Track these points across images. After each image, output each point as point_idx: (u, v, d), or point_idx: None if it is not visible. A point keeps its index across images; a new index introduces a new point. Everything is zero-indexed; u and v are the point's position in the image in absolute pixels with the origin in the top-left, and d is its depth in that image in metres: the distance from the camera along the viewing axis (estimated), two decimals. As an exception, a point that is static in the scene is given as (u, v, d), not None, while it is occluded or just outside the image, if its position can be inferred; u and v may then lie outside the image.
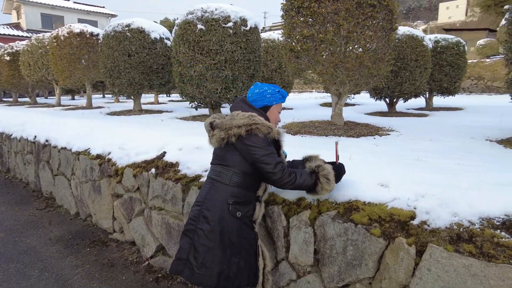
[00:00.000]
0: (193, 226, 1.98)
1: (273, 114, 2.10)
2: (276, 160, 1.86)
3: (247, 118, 1.86)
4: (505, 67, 4.18)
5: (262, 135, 1.84)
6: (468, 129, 4.97)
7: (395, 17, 4.65)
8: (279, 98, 2.09)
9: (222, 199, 1.92)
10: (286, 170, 1.86)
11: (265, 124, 1.86)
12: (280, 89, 2.11)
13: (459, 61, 9.07)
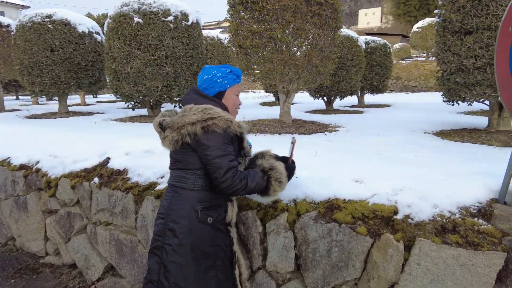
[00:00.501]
0: (160, 242, 1.70)
1: (230, 100, 1.82)
2: (229, 165, 1.61)
3: (201, 112, 1.60)
4: (437, 66, 4.55)
5: (221, 131, 1.60)
6: (405, 124, 5.34)
7: (339, 15, 4.78)
8: (233, 79, 1.81)
9: (189, 207, 1.67)
10: (237, 175, 1.62)
11: (223, 118, 1.61)
12: (232, 68, 1.82)
13: (386, 62, 9.88)
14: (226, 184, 1.59)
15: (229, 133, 1.64)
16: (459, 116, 6.96)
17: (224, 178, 1.58)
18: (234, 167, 1.63)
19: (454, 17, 3.78)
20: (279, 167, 1.78)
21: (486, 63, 3.61)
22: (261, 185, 1.72)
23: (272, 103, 11.94)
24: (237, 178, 1.61)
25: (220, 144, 1.60)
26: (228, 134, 1.63)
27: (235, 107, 1.85)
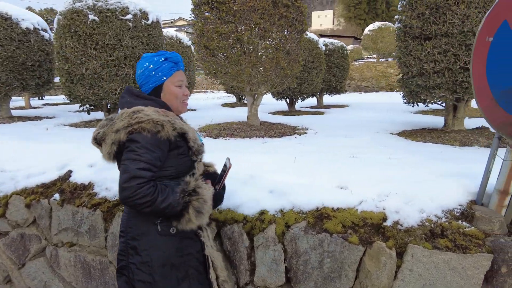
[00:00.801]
0: (125, 261, 1.53)
1: (171, 93, 1.51)
2: (136, 173, 1.29)
3: (127, 117, 1.36)
4: (398, 68, 4.75)
5: (147, 134, 1.34)
6: (367, 124, 5.54)
7: (304, 18, 4.81)
8: (170, 68, 1.50)
9: (146, 221, 1.48)
10: (144, 189, 1.29)
11: (153, 120, 1.34)
12: (168, 55, 1.51)
13: (343, 63, 10.22)
14: (125, 194, 1.29)
15: (159, 138, 1.35)
16: (415, 115, 7.39)
17: (124, 186, 1.29)
18: (143, 177, 1.30)
19: (415, 23, 3.96)
20: (204, 193, 1.44)
21: (445, 67, 3.83)
22: (174, 209, 1.38)
23: (234, 104, 11.84)
24: (142, 192, 1.29)
25: (138, 147, 1.33)
26: (158, 139, 1.35)
27: (179, 100, 1.53)
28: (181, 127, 1.43)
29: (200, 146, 1.54)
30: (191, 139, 1.47)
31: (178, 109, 1.54)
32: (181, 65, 1.55)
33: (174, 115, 1.47)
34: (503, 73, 1.67)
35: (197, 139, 1.53)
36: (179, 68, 1.53)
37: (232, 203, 2.13)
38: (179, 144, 1.45)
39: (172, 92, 1.51)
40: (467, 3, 3.54)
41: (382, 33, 20.06)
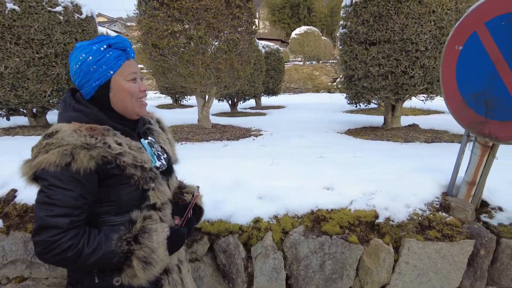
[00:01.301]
0: None
1: (123, 91, 1.09)
2: (46, 222, 0.93)
3: (39, 144, 1.00)
4: (341, 71, 5.06)
5: (57, 169, 0.95)
6: (313, 124, 5.79)
7: (254, 20, 4.81)
8: (116, 58, 1.08)
9: (83, 271, 1.07)
10: (60, 242, 0.93)
11: (61, 149, 0.96)
12: (111, 40, 1.09)
13: (279, 66, 10.55)
14: (37, 250, 0.94)
15: (73, 170, 0.95)
16: (348, 115, 7.95)
17: (34, 239, 0.94)
18: (57, 228, 0.93)
19: (361, 29, 4.25)
20: (150, 239, 1.03)
21: (388, 71, 4.20)
22: (111, 261, 0.99)
23: (170, 105, 11.34)
24: (58, 246, 0.93)
25: (47, 186, 0.95)
26: (72, 172, 0.96)
27: (135, 98, 1.12)
28: (104, 154, 0.98)
29: (150, 172, 1.09)
30: (129, 164, 1.03)
31: (135, 111, 1.12)
32: (131, 51, 1.12)
33: (108, 131, 1.03)
34: (472, 79, 1.87)
35: (147, 161, 1.08)
36: (129, 57, 1.11)
37: (223, 213, 2.01)
38: (115, 172, 1.02)
39: (124, 89, 1.08)
40: (405, 13, 3.93)
41: (308, 37, 21.26)
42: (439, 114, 8.11)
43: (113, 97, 1.09)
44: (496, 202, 2.09)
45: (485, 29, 1.76)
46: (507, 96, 1.72)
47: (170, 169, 1.25)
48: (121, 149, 1.03)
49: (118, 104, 1.09)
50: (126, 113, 1.11)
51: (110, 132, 1.03)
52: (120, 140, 1.05)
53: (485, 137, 1.87)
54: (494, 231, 1.89)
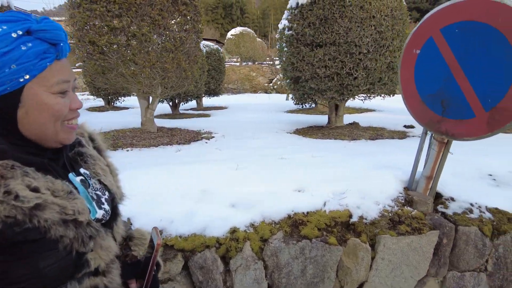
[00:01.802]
0: None
1: (41, 110, 0.68)
2: None
3: None
4: (282, 71, 5.16)
5: None
6: (261, 125, 5.81)
7: (201, 19, 4.64)
8: (38, 55, 0.65)
9: None
10: None
11: None
12: (33, 24, 0.66)
13: (220, 66, 10.42)
14: None
15: None
16: (290, 115, 8.18)
17: None
18: None
19: (308, 32, 4.37)
20: None
21: (334, 72, 4.38)
22: None
23: (102, 108, 10.44)
24: None
25: None
26: None
27: (61, 119, 0.72)
28: (8, 213, 0.60)
29: (89, 228, 0.72)
30: (55, 222, 0.65)
31: (57, 138, 0.72)
32: (66, 47, 0.71)
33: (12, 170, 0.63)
34: (429, 80, 2.01)
35: (82, 212, 0.70)
36: (61, 56, 0.70)
37: (196, 226, 1.85)
38: (31, 238, 0.63)
39: (46, 106, 0.68)
40: (349, 17, 4.13)
41: (243, 38, 21.46)
42: (372, 112, 8.80)
43: (24, 116, 0.67)
44: (448, 193, 2.28)
45: (440, 35, 1.90)
46: (461, 96, 1.87)
47: (115, 213, 0.85)
48: (39, 198, 0.63)
49: (31, 127, 0.68)
50: (42, 140, 0.70)
51: (16, 172, 0.62)
52: (36, 182, 0.64)
53: (442, 135, 2.02)
54: (451, 220, 2.05)
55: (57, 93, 0.69)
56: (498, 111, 1.71)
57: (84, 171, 0.82)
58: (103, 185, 0.85)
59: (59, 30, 0.69)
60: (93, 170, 0.84)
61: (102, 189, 0.84)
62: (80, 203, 0.71)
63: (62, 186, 0.69)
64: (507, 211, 2.13)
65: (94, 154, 0.88)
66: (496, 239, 2.05)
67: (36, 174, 0.66)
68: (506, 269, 2.08)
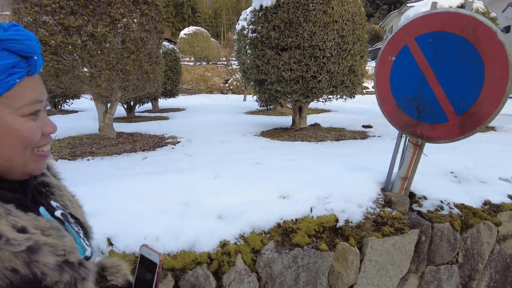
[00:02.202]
0: None
1: (6, 135, 0.55)
2: None
3: None
4: (239, 72, 5.14)
5: None
6: (227, 127, 5.73)
7: (162, 19, 4.45)
8: (5, 70, 0.53)
9: None
10: None
11: None
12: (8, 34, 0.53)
13: (177, 66, 10.12)
14: None
15: None
16: (250, 116, 8.18)
17: None
18: None
19: (273, 35, 4.38)
20: None
21: (299, 75, 4.45)
22: None
23: (49, 112, 9.55)
24: None
25: None
26: None
27: (29, 147, 0.59)
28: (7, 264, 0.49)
29: (81, 268, 0.61)
30: (52, 267, 0.55)
31: (26, 169, 0.60)
32: (39, 61, 0.59)
33: None
34: (405, 86, 2.11)
35: (71, 251, 0.60)
36: (33, 71, 0.58)
37: (184, 243, 1.74)
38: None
39: (13, 131, 0.56)
40: (313, 21, 4.22)
41: (197, 38, 21.07)
42: (328, 112, 9.13)
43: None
44: (419, 192, 2.42)
45: (415, 43, 2.00)
46: (435, 102, 1.99)
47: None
48: (29, 239, 0.53)
49: None
50: (5, 171, 0.58)
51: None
52: (21, 221, 0.54)
53: (417, 138, 2.13)
54: (426, 218, 2.18)
55: (28, 116, 0.58)
56: (469, 115, 1.85)
57: (56, 204, 0.72)
58: (75, 219, 0.74)
59: (32, 40, 0.57)
60: (61, 202, 0.74)
61: (76, 224, 0.74)
62: (70, 241, 0.61)
63: (48, 223, 0.59)
64: (471, 206, 2.32)
65: (58, 183, 0.77)
66: (465, 233, 2.22)
67: (18, 212, 0.55)
68: (473, 260, 2.26)
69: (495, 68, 1.71)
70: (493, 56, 1.71)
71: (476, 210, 2.28)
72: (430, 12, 1.91)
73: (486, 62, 1.73)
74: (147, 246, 0.75)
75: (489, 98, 1.75)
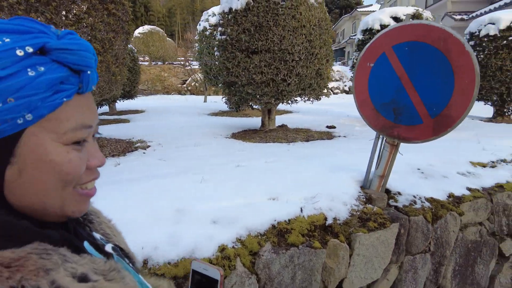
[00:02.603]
0: None
1: (43, 167, 0.45)
2: None
3: None
4: (200, 72, 5.14)
5: None
6: (196, 130, 5.66)
7: (129, 19, 4.28)
8: (51, 86, 0.44)
9: None
10: None
11: None
12: (50, 38, 0.45)
13: (135, 67, 9.74)
14: None
15: None
16: (214, 117, 8.14)
17: None
18: None
19: (244, 38, 4.43)
20: None
21: (270, 78, 4.54)
22: None
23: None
24: None
25: None
26: None
27: (73, 183, 0.49)
28: None
29: None
30: None
31: (64, 212, 0.49)
32: (94, 76, 0.50)
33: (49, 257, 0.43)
34: (382, 91, 2.28)
35: None
36: (86, 88, 0.49)
37: (183, 250, 1.73)
38: None
39: (49, 165, 0.45)
40: (282, 26, 4.34)
41: (152, 37, 20.43)
42: (291, 113, 9.38)
43: (17, 176, 0.44)
44: (394, 188, 2.61)
45: (392, 51, 2.17)
46: (410, 105, 2.17)
47: None
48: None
49: (24, 194, 0.45)
50: (39, 212, 0.47)
51: (53, 258, 0.43)
52: (79, 267, 0.45)
53: (394, 138, 2.30)
54: (403, 212, 2.36)
55: (71, 144, 0.47)
56: (442, 118, 2.05)
57: (99, 235, 0.61)
58: (120, 249, 0.64)
59: (87, 51, 0.48)
60: (102, 231, 0.64)
61: (122, 254, 0.63)
62: (131, 280, 0.53)
63: (107, 264, 0.50)
64: (439, 199, 2.56)
65: (93, 208, 0.67)
66: (435, 224, 2.44)
67: (73, 256, 0.46)
68: (442, 247, 2.50)
69: (463, 76, 1.92)
70: (461, 65, 1.92)
71: (443, 203, 2.52)
72: (406, 24, 2.08)
73: (456, 71, 1.93)
74: (200, 260, 0.73)
75: (459, 102, 1.96)
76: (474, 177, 2.97)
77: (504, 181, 3.04)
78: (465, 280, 2.70)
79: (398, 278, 2.33)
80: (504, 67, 6.34)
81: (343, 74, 21.48)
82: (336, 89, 20.19)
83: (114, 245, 0.60)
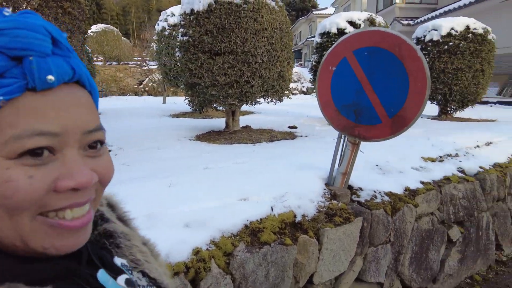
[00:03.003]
0: None
1: None
2: None
3: None
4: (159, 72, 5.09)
5: None
6: (157, 132, 5.52)
7: (86, 18, 4.09)
8: None
9: None
10: None
11: None
12: None
13: (90, 67, 9.27)
14: None
15: None
16: (182, 119, 8.01)
17: None
18: None
19: (206, 39, 4.42)
20: None
21: (234, 80, 4.57)
22: None
23: None
24: None
25: None
26: None
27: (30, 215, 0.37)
28: None
29: None
30: None
31: (34, 247, 0.38)
32: (44, 66, 0.38)
33: None
34: (344, 93, 2.41)
35: None
36: (35, 83, 0.37)
37: (166, 248, 1.71)
38: None
39: None
40: (245, 28, 4.39)
41: (106, 36, 19.53)
42: (253, 114, 9.47)
43: None
44: (356, 184, 2.77)
45: (353, 56, 2.30)
46: (370, 106, 2.32)
47: None
48: None
49: None
50: (9, 247, 0.38)
51: None
52: None
53: (355, 138, 2.45)
54: (365, 206, 2.52)
55: (18, 157, 0.36)
56: (399, 118, 2.22)
57: (122, 261, 0.52)
58: (149, 279, 0.55)
59: (30, 29, 0.37)
60: (131, 256, 0.55)
61: (149, 286, 0.54)
62: None
63: None
64: (397, 193, 2.76)
65: (125, 230, 0.58)
66: (394, 216, 2.63)
67: None
68: (401, 237, 2.70)
69: (416, 79, 2.10)
70: (414, 70, 2.09)
71: (400, 196, 2.72)
72: (365, 30, 2.23)
73: (410, 75, 2.11)
74: None
75: (413, 103, 2.14)
76: (425, 171, 3.23)
77: (450, 173, 3.35)
78: (420, 265, 2.93)
79: (362, 269, 2.48)
80: (446, 69, 6.94)
81: (301, 76, 22.09)
82: (295, 90, 20.71)
83: (130, 279, 0.48)
